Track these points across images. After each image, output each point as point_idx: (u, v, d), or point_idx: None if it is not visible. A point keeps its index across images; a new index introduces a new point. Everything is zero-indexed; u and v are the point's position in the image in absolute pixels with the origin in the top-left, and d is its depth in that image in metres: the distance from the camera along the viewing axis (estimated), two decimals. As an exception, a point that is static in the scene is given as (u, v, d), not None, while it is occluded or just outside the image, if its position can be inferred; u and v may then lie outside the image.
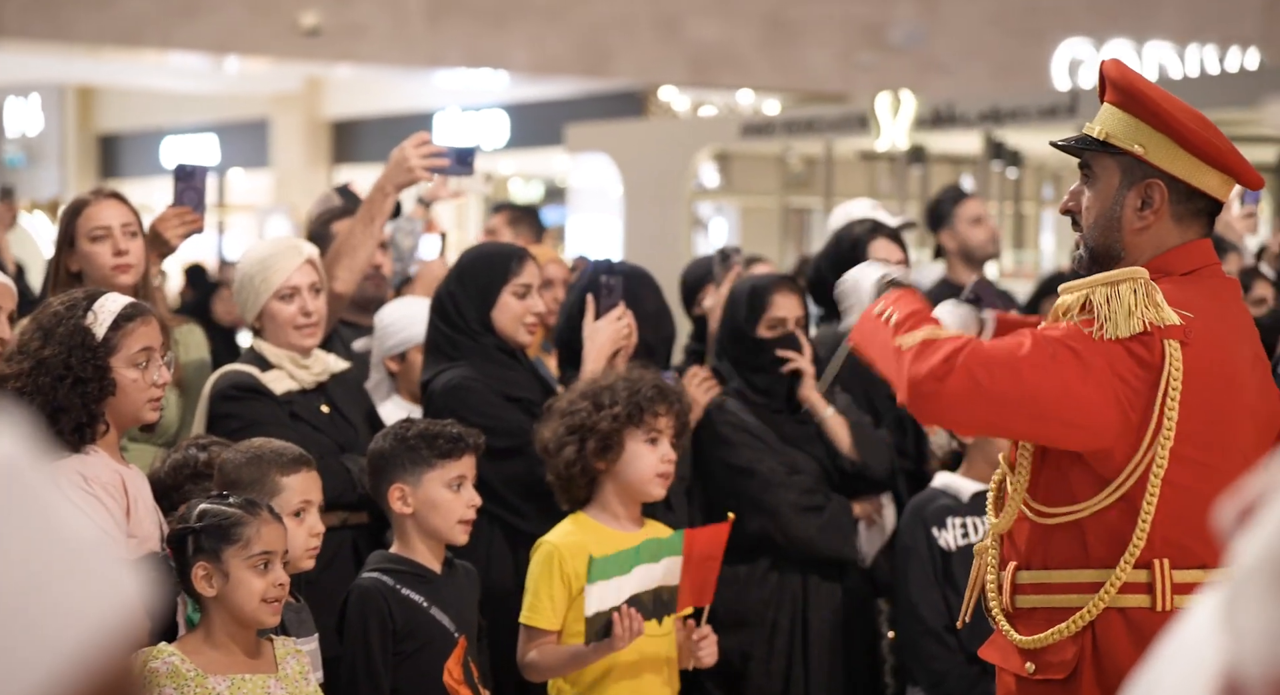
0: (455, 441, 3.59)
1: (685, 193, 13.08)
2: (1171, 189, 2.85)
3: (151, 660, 3.03)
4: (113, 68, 19.22)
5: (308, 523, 3.40)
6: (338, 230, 4.87)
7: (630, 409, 3.75)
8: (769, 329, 4.45)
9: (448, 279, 4.35)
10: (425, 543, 3.61)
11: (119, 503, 3.29)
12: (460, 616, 3.58)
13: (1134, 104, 2.83)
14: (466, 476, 3.61)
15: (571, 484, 3.78)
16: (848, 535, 4.41)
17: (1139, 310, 2.76)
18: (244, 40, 16.19)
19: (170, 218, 4.45)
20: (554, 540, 3.74)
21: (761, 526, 4.33)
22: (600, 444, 3.73)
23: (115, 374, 3.34)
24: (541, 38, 16.76)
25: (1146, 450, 2.76)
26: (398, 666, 3.49)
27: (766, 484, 4.33)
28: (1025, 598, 2.93)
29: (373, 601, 3.49)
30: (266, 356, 4.12)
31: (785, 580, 4.38)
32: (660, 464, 3.78)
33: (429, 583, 3.58)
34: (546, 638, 3.69)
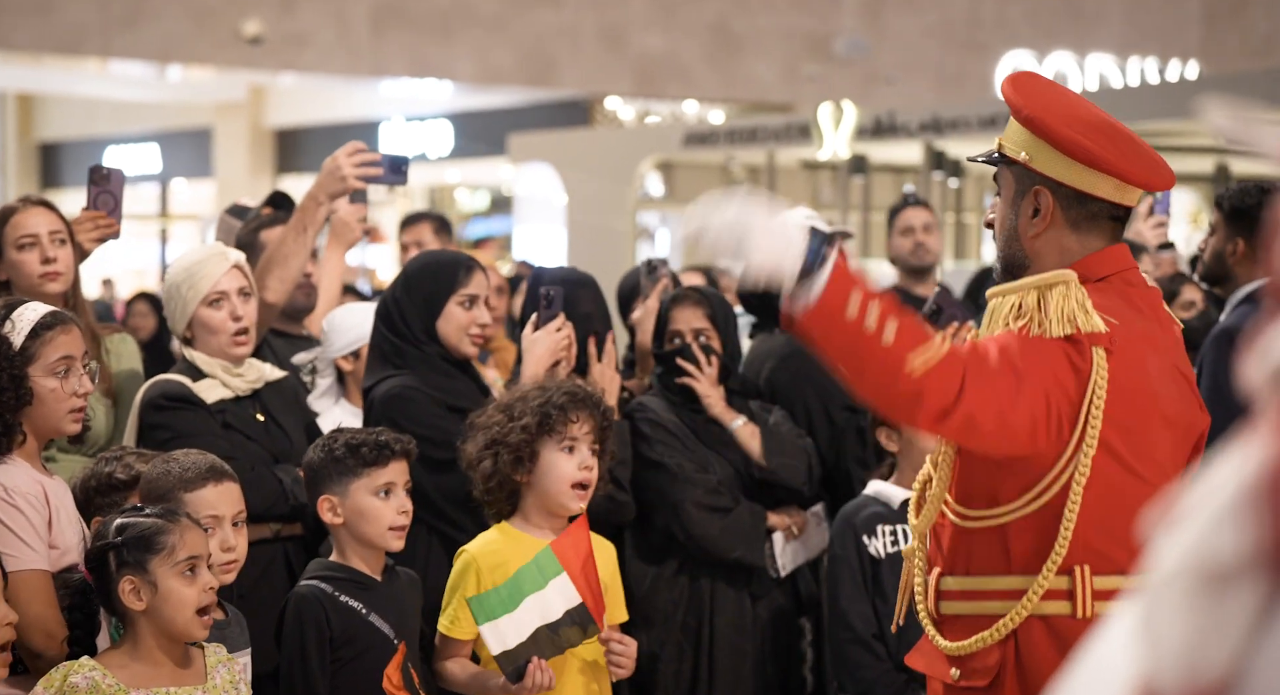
0: (381, 449, 3.56)
1: (629, 202, 13.09)
2: (1058, 195, 2.85)
3: (71, 675, 2.98)
4: (54, 76, 19.07)
5: (218, 537, 3.35)
6: (267, 239, 4.82)
7: (540, 418, 3.71)
8: (670, 342, 4.48)
9: (394, 286, 4.33)
10: (360, 551, 3.58)
11: (40, 513, 3.24)
12: (400, 623, 3.55)
13: (1018, 114, 2.86)
14: (396, 483, 3.57)
15: (494, 496, 3.76)
16: (751, 541, 4.41)
17: (1068, 314, 2.77)
18: (186, 49, 16.10)
19: (84, 221, 4.39)
20: (473, 550, 3.72)
21: (665, 522, 4.35)
22: (513, 456, 3.69)
23: (33, 383, 3.29)
24: (486, 48, 16.74)
25: (1070, 457, 2.77)
26: (337, 673, 3.46)
27: (673, 479, 4.35)
28: (950, 604, 2.93)
29: (310, 608, 3.46)
30: (199, 365, 4.07)
31: (694, 583, 4.39)
32: (577, 472, 3.75)
33: (368, 589, 3.55)
34: (462, 647, 3.68)
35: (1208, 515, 0.87)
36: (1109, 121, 2.88)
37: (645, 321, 4.78)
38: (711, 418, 4.47)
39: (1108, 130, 2.85)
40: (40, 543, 3.23)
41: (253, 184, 20.12)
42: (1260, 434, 0.87)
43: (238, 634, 3.42)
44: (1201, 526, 0.87)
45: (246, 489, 3.68)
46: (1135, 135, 2.89)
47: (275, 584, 3.90)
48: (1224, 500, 0.87)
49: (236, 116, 20.89)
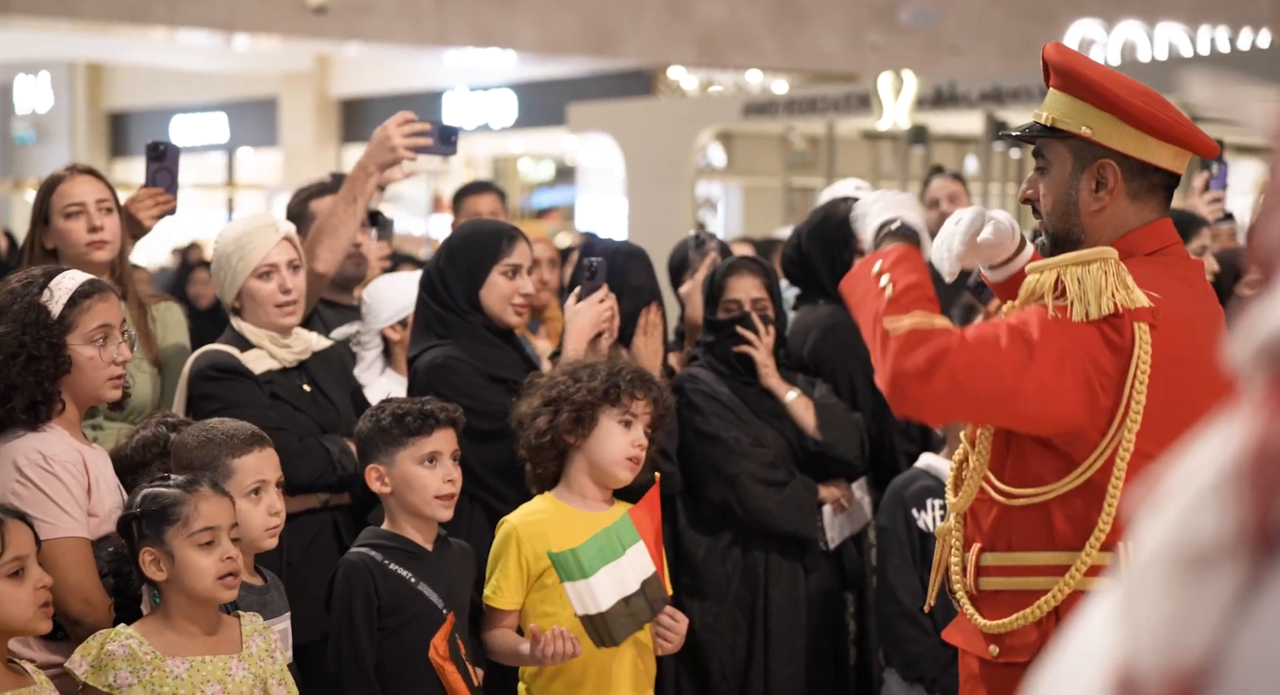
0: (425, 418, 3.56)
1: (688, 172, 13.05)
2: (1124, 167, 2.83)
3: (109, 642, 3.00)
4: (122, 45, 19.21)
5: (265, 502, 3.36)
6: (317, 209, 4.83)
7: (608, 386, 3.72)
8: (726, 311, 4.46)
9: (437, 255, 4.33)
10: (412, 521, 3.59)
11: (79, 481, 3.26)
12: (450, 593, 3.55)
13: (1075, 86, 2.81)
14: (442, 451, 3.57)
15: (540, 456, 3.75)
16: (806, 514, 4.40)
17: (1109, 291, 2.73)
18: (251, 18, 16.17)
19: (144, 198, 4.41)
20: (514, 521, 3.72)
21: (721, 495, 4.33)
22: (573, 415, 3.70)
23: (71, 352, 3.31)
24: (549, 17, 16.71)
25: (1114, 434, 2.73)
26: (384, 641, 3.47)
27: (730, 452, 4.33)
28: (990, 580, 2.90)
29: (358, 575, 3.47)
30: (246, 336, 4.09)
31: (748, 555, 4.38)
32: (631, 448, 3.75)
33: (417, 559, 3.55)
34: (506, 618, 3.68)
35: (1189, 496, 0.86)
36: (1150, 89, 2.86)
37: (694, 295, 4.76)
38: (762, 390, 4.45)
39: (1158, 97, 2.83)
40: (79, 510, 3.25)
41: (318, 153, 20.22)
42: (1243, 413, 0.85)
43: (276, 599, 3.43)
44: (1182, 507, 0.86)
45: (295, 459, 3.69)
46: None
47: (324, 553, 3.92)
48: (1205, 480, 0.85)
49: (302, 86, 20.98)
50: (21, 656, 3.08)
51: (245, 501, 3.30)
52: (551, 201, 21.12)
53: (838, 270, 4.79)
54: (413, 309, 4.64)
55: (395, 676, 3.47)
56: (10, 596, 2.86)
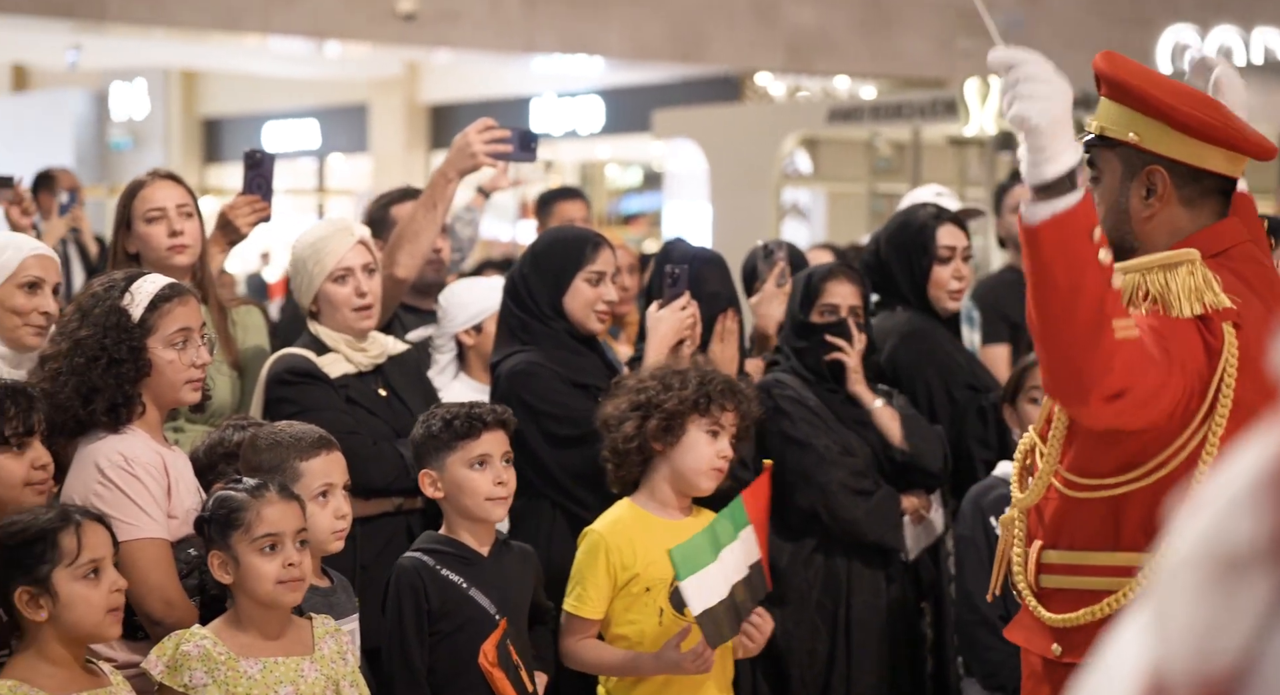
0: (473, 421, 3.57)
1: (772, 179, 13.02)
2: (1173, 173, 2.80)
3: (184, 643, 3.03)
4: (216, 52, 19.44)
5: (332, 505, 3.38)
6: (397, 215, 4.87)
7: (699, 395, 3.71)
8: (821, 316, 4.43)
9: (522, 261, 4.35)
10: (467, 525, 3.60)
11: (159, 483, 3.30)
12: (504, 599, 3.55)
13: (1122, 93, 2.79)
14: (491, 454, 3.58)
15: (625, 461, 3.75)
16: (893, 523, 4.37)
17: (1195, 292, 2.71)
18: (342, 25, 16.31)
19: (241, 205, 4.48)
20: (601, 529, 3.72)
21: (810, 502, 4.31)
22: (663, 423, 3.70)
23: (151, 355, 3.35)
24: (637, 23, 16.74)
25: (1193, 433, 2.69)
26: (435, 646, 3.48)
27: (820, 460, 4.31)
28: (1051, 578, 2.88)
29: (408, 580, 3.49)
30: (323, 339, 4.12)
31: (830, 563, 4.35)
32: (716, 458, 3.75)
33: (471, 564, 3.56)
34: (589, 627, 3.67)
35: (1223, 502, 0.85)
36: (1203, 94, 2.83)
37: (763, 304, 4.75)
38: (847, 397, 4.42)
39: (1209, 102, 2.79)
40: (159, 512, 3.28)
41: (407, 159, 20.37)
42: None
43: (343, 600, 3.45)
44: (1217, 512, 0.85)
45: (369, 463, 3.71)
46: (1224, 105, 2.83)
47: (396, 557, 3.93)
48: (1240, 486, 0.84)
49: (392, 92, 21.14)
50: (101, 656, 3.12)
51: (312, 504, 3.32)
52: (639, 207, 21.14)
53: (916, 277, 4.76)
54: (487, 314, 4.67)
55: (447, 682, 3.48)
56: (83, 598, 2.89)
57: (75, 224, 7.75)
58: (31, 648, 2.90)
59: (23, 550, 2.88)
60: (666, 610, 3.65)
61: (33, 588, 2.87)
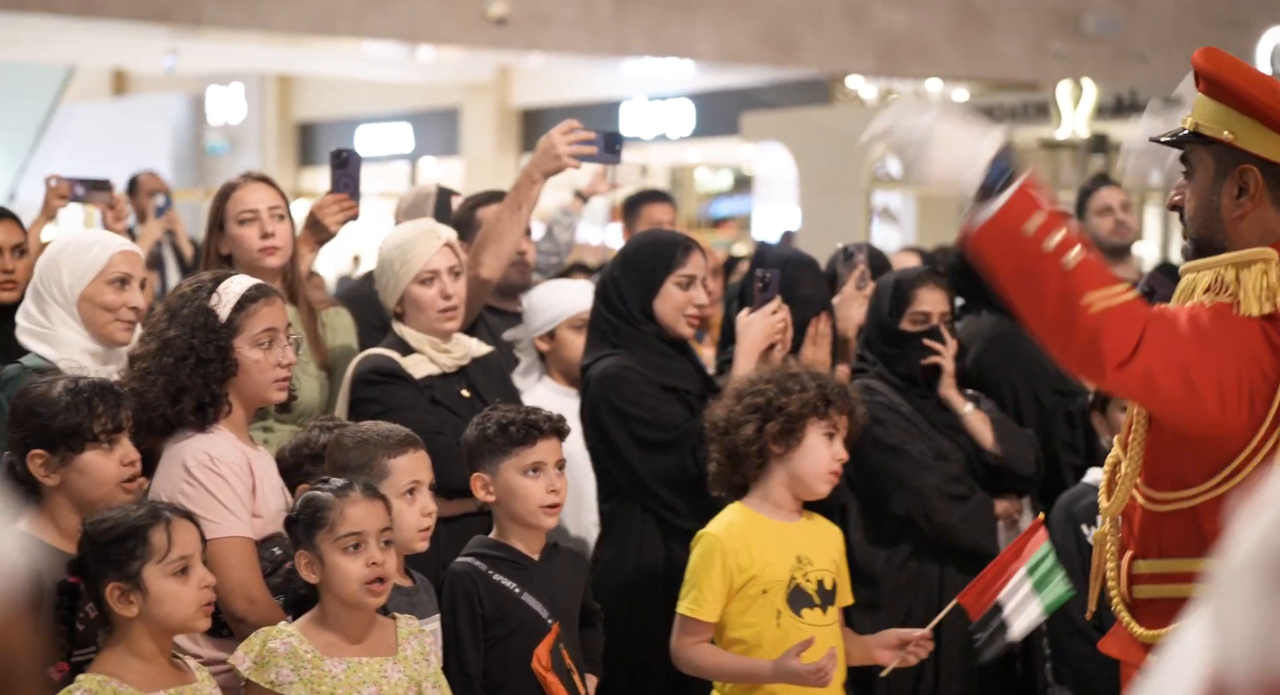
0: (529, 428, 3.56)
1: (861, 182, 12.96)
2: (1267, 173, 2.75)
3: (271, 640, 3.06)
4: (311, 57, 19.63)
5: (418, 503, 3.38)
6: (483, 216, 4.89)
7: (819, 398, 3.69)
8: (912, 323, 4.39)
9: (612, 264, 4.35)
10: (518, 530, 3.59)
11: (244, 482, 3.33)
12: (555, 603, 3.55)
13: (1220, 91, 2.74)
14: (546, 462, 3.56)
15: (741, 464, 3.72)
16: (988, 528, 4.34)
17: (1266, 291, 2.67)
18: (434, 29, 16.41)
19: (329, 205, 4.51)
20: (716, 532, 3.70)
21: (906, 509, 4.28)
22: (784, 426, 3.67)
23: (238, 355, 3.38)
24: (728, 26, 16.71)
25: (1264, 437, 2.65)
26: (489, 651, 3.47)
27: (916, 466, 4.28)
28: (1143, 588, 2.85)
29: (462, 585, 3.49)
30: (408, 341, 4.14)
31: (923, 569, 4.32)
32: (833, 462, 3.73)
33: (523, 569, 3.55)
34: (704, 630, 3.66)
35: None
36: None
37: (842, 307, 4.73)
38: (938, 403, 4.39)
39: None
40: (244, 510, 3.32)
41: (498, 162, 20.47)
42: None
43: (425, 600, 3.46)
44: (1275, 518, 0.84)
45: (452, 463, 3.73)
46: None
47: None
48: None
49: (483, 96, 21.26)
50: (187, 652, 3.15)
51: (399, 502, 3.33)
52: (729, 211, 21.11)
53: (1004, 280, 4.72)
54: (560, 321, 4.69)
55: (500, 686, 3.47)
56: (174, 595, 2.93)
57: (170, 226, 7.85)
58: (120, 643, 2.94)
59: (114, 546, 2.92)
60: (784, 613, 3.64)
61: (123, 583, 2.90)
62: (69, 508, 3.16)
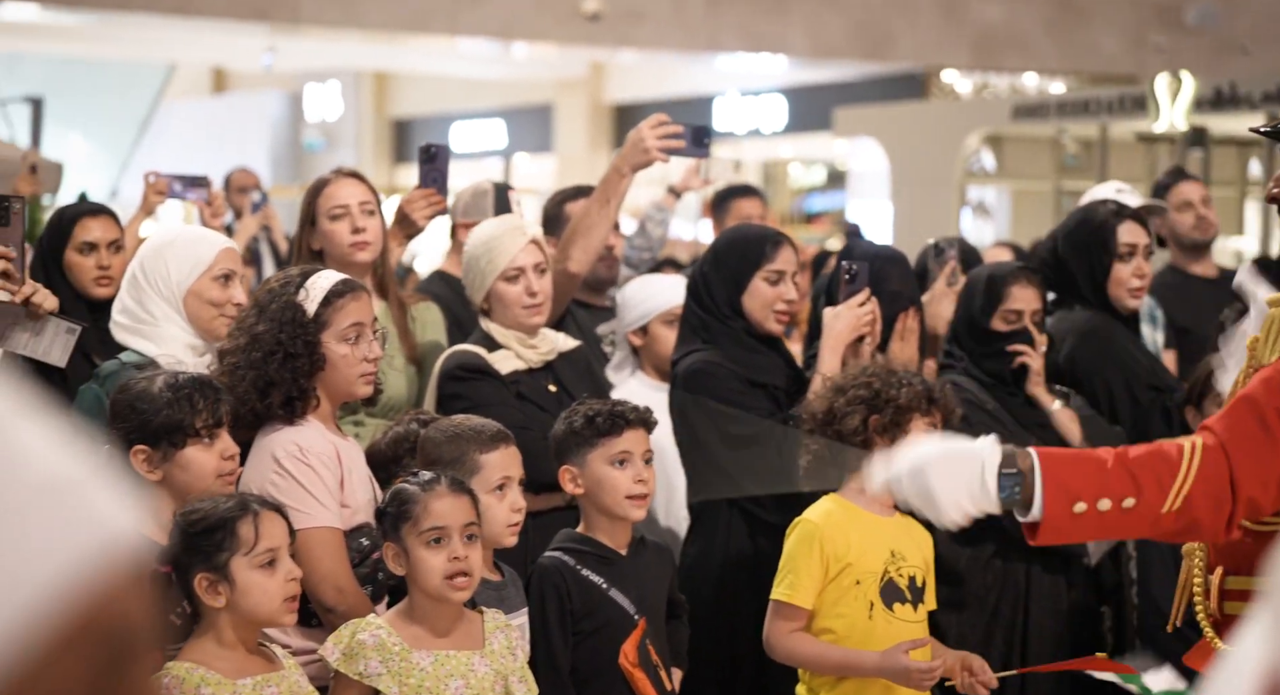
0: (615, 418, 3.56)
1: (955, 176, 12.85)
2: None
3: (360, 632, 3.08)
4: (406, 54, 19.76)
5: (509, 499, 3.40)
6: (571, 211, 4.90)
7: (925, 395, 3.68)
8: (1004, 321, 4.35)
9: (703, 259, 4.35)
10: (605, 524, 3.59)
11: (333, 473, 3.36)
12: (642, 598, 3.55)
13: None
14: (633, 452, 3.55)
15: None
16: None
17: None
18: (528, 25, 16.47)
19: (417, 199, 4.54)
20: (814, 519, 3.68)
21: None
22: (892, 418, 3.64)
23: (325, 349, 3.41)
24: (821, 21, 16.64)
25: None
26: (577, 646, 3.48)
27: None
28: (1234, 605, 2.79)
29: (551, 580, 3.49)
30: (494, 336, 4.16)
31: (1009, 568, 4.28)
32: None
33: (610, 564, 3.55)
34: (799, 616, 3.65)
35: None
36: None
37: (933, 303, 4.68)
38: (1026, 400, 4.35)
39: None
40: (332, 501, 3.34)
41: (590, 159, 20.49)
42: None
43: (513, 594, 3.47)
44: None
45: (539, 459, 3.74)
46: None
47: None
48: None
49: (577, 92, 21.29)
50: (276, 642, 3.18)
51: (490, 497, 3.35)
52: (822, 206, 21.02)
53: (1096, 275, 4.66)
54: (652, 316, 4.68)
55: (587, 681, 3.47)
56: (260, 587, 2.95)
57: (266, 222, 7.93)
58: (209, 633, 2.97)
59: (203, 538, 2.95)
60: (877, 605, 3.61)
61: (212, 574, 2.94)
62: (169, 502, 3.19)
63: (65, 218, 4.50)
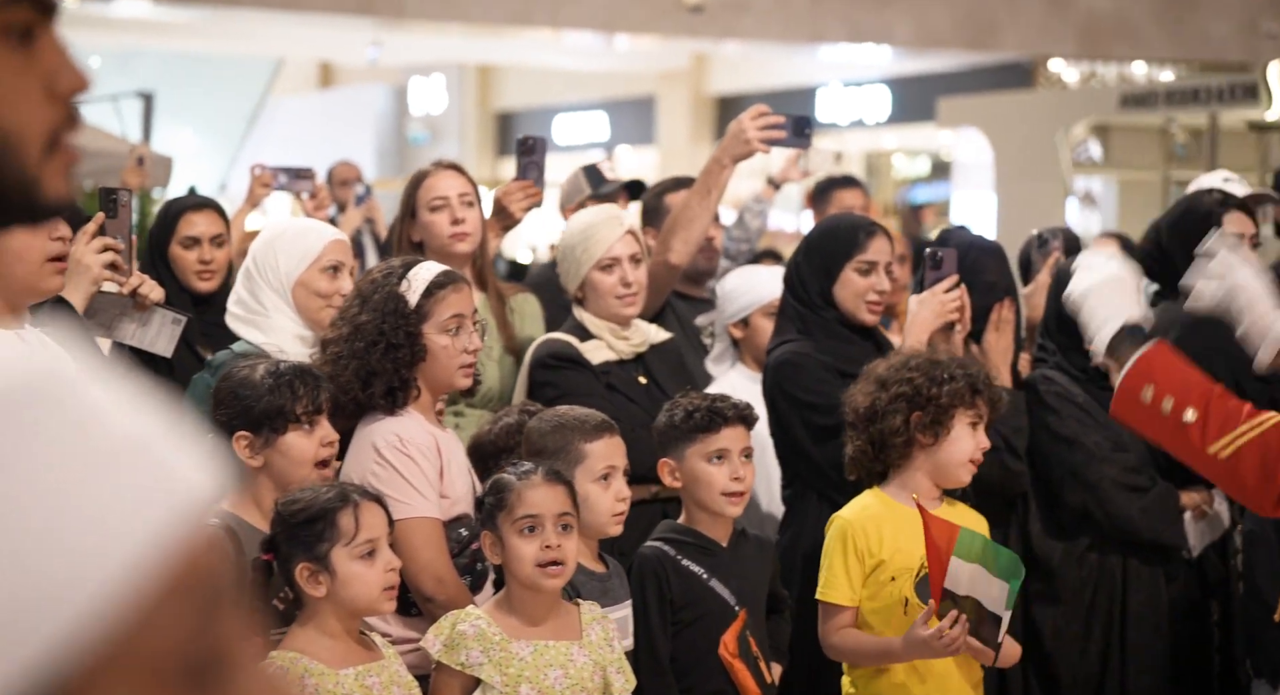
0: (714, 415, 3.55)
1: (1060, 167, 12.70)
2: None
3: (460, 622, 3.10)
4: (509, 47, 19.84)
5: (613, 488, 3.41)
6: (671, 203, 4.90)
7: (967, 388, 3.64)
8: None
9: (799, 249, 4.34)
10: (704, 516, 3.59)
11: (433, 464, 3.38)
12: (742, 590, 3.54)
13: None
14: (730, 449, 3.55)
15: (885, 453, 3.68)
16: (1171, 520, 4.22)
17: None
18: (630, 18, 16.48)
19: (515, 191, 4.56)
20: (847, 516, 3.68)
21: (1081, 501, 4.20)
22: (933, 417, 3.63)
23: (426, 340, 3.43)
24: (925, 10, 16.50)
25: None
26: (676, 636, 3.49)
27: (1090, 457, 4.18)
28: None
29: (651, 569, 3.49)
30: (587, 326, 4.17)
31: (1105, 561, 4.22)
32: (975, 451, 3.67)
33: (711, 555, 3.55)
34: (844, 614, 3.64)
35: None
36: None
37: (1035, 295, 4.63)
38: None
39: None
40: (432, 491, 3.37)
41: (692, 151, 20.47)
42: None
43: (617, 586, 3.47)
44: None
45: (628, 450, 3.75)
46: None
47: (652, 545, 3.96)
48: None
49: (679, 84, 21.27)
50: (376, 631, 3.21)
51: (595, 487, 3.36)
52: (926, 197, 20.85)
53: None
54: (754, 308, 4.68)
55: (686, 671, 3.48)
56: (360, 577, 2.98)
57: (370, 215, 8.00)
58: (310, 622, 3.00)
59: (304, 528, 2.98)
60: (912, 601, 3.59)
61: (313, 564, 2.97)
62: (270, 488, 3.23)
63: (170, 212, 4.57)
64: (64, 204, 1.03)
